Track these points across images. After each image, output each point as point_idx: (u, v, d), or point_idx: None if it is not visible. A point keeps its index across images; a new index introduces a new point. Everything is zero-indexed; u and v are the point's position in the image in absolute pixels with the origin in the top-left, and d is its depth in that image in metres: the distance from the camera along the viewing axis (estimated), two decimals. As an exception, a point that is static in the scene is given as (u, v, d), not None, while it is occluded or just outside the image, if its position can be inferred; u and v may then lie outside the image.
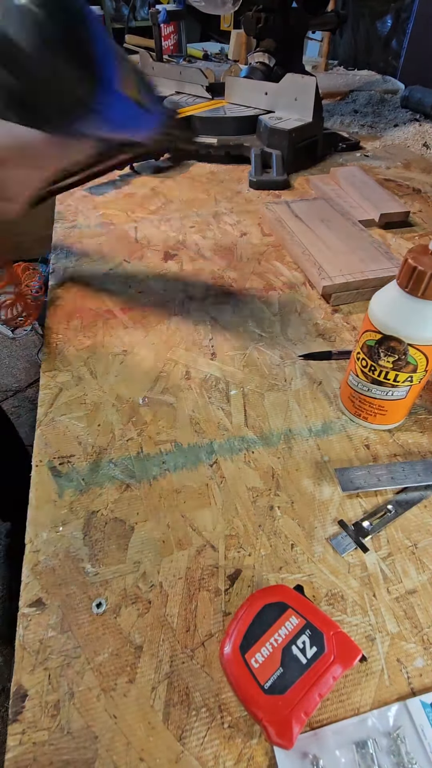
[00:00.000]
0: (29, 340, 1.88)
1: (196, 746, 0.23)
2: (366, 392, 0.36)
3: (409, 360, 0.32)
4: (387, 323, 0.31)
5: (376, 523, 0.32)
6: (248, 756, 0.23)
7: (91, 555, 0.30)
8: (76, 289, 0.54)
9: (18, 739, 0.23)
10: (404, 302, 0.30)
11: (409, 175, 0.83)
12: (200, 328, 0.49)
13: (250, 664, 0.23)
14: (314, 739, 0.23)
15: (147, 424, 0.39)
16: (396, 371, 0.33)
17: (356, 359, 0.35)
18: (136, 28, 2.21)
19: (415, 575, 0.29)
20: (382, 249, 0.56)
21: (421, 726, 0.23)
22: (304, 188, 0.78)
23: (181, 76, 1.01)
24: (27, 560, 0.30)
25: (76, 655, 0.26)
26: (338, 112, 1.13)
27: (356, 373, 0.36)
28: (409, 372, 0.33)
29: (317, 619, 0.25)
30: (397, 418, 0.38)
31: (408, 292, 0.30)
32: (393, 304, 0.31)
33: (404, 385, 0.34)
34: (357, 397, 0.37)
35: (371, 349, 0.33)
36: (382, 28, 1.39)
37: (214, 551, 0.31)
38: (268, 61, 0.91)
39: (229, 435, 0.38)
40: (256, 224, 0.67)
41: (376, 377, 0.34)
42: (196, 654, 0.26)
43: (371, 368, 0.34)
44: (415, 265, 0.28)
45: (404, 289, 0.30)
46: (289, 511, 0.33)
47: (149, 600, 0.28)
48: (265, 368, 0.44)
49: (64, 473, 0.35)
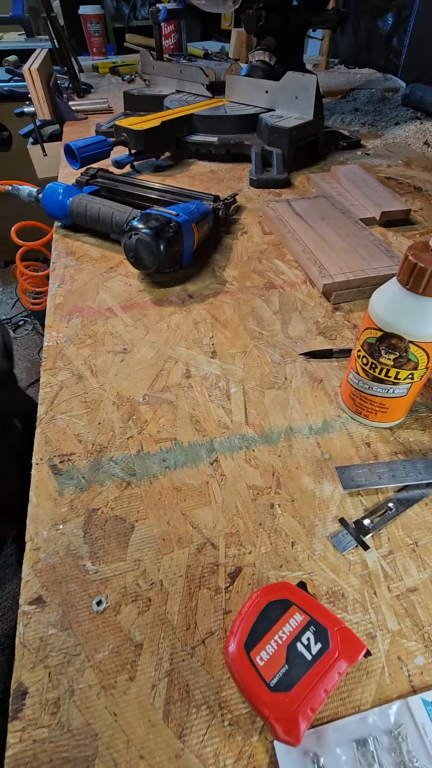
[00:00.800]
0: (30, 340, 1.88)
1: (196, 744, 0.23)
2: (367, 390, 0.36)
3: (410, 357, 0.32)
4: (388, 320, 0.31)
5: (376, 521, 0.32)
6: (249, 754, 0.23)
7: (92, 553, 0.30)
8: (77, 287, 0.54)
9: (18, 737, 0.23)
10: (405, 299, 0.30)
11: (410, 173, 0.83)
12: (200, 327, 0.49)
13: (256, 662, 0.23)
14: (315, 737, 0.23)
15: (147, 422, 0.39)
16: (397, 368, 0.33)
17: (357, 357, 0.35)
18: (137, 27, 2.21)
19: (415, 573, 0.29)
20: (383, 247, 0.56)
21: (422, 724, 0.23)
22: (305, 186, 0.78)
23: (182, 75, 1.01)
24: (27, 558, 0.30)
25: (76, 652, 0.26)
26: (339, 111, 1.13)
27: (357, 371, 0.36)
28: (410, 369, 0.33)
29: (321, 615, 0.25)
30: (398, 416, 0.38)
31: (409, 289, 0.30)
32: (394, 301, 0.31)
33: (405, 383, 0.34)
34: (358, 395, 0.37)
35: (372, 346, 0.33)
36: (383, 26, 1.38)
37: (215, 549, 0.31)
38: (268, 59, 0.91)
39: (230, 433, 0.38)
40: (256, 222, 0.67)
41: (377, 375, 0.34)
42: (197, 652, 0.26)
43: (372, 366, 0.34)
44: (416, 262, 0.28)
45: (405, 286, 0.30)
46: (290, 509, 0.33)
47: (149, 598, 0.28)
48: (265, 366, 0.44)
49: (65, 471, 0.35)
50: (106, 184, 0.67)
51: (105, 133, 0.89)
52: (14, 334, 1.90)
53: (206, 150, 0.85)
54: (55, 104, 1.04)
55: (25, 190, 0.67)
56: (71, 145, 0.72)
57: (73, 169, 0.77)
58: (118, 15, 2.39)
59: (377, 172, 0.83)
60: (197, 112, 0.86)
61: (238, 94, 0.92)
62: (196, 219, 0.55)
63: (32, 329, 1.93)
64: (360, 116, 1.09)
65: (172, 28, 1.56)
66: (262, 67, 0.91)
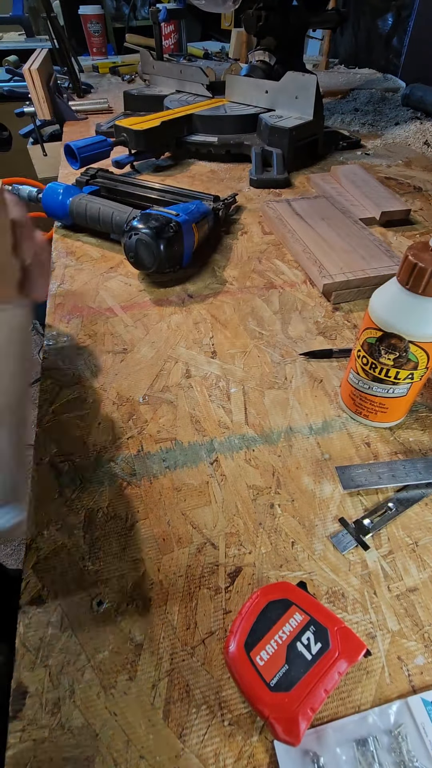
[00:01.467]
0: (30, 340, 1.88)
1: (196, 744, 0.23)
2: (367, 390, 0.36)
3: (410, 357, 0.32)
4: (388, 320, 0.31)
5: (376, 520, 0.32)
6: (249, 753, 0.23)
7: (92, 553, 0.30)
8: (77, 287, 0.54)
9: (18, 737, 0.23)
10: (405, 299, 0.30)
11: (410, 173, 0.83)
12: (200, 327, 0.49)
13: (256, 662, 0.23)
14: (315, 737, 0.23)
15: (147, 422, 0.39)
16: (397, 368, 0.33)
17: (357, 357, 0.35)
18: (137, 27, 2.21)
19: (415, 573, 0.29)
20: (383, 247, 0.56)
21: (422, 724, 0.23)
22: (305, 186, 0.78)
23: (182, 75, 1.01)
24: (27, 558, 0.30)
25: (76, 652, 0.26)
26: (339, 111, 1.13)
27: (357, 371, 0.36)
28: (410, 369, 0.33)
29: (321, 615, 0.25)
30: (398, 416, 0.38)
31: (408, 289, 0.30)
32: (393, 301, 0.31)
33: (405, 383, 0.34)
34: (358, 395, 0.37)
35: (372, 346, 0.33)
36: (383, 26, 1.38)
37: (215, 549, 0.31)
38: (268, 59, 0.91)
39: (230, 433, 0.38)
40: (256, 222, 0.67)
41: (377, 375, 0.34)
42: (197, 651, 0.26)
43: (372, 366, 0.34)
44: (416, 262, 0.28)
45: (405, 286, 0.30)
46: (290, 508, 0.33)
47: (149, 598, 0.28)
48: (265, 366, 0.44)
49: (65, 471, 0.35)
50: (106, 184, 0.67)
51: (105, 133, 0.89)
52: (14, 334, 1.90)
53: (206, 150, 0.85)
54: (55, 104, 1.04)
55: (25, 190, 0.67)
56: (71, 145, 0.72)
57: (73, 169, 0.77)
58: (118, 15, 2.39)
59: (377, 172, 0.83)
60: (197, 112, 0.86)
61: (238, 94, 0.92)
62: (196, 219, 0.55)
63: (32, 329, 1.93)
64: (360, 116, 1.09)
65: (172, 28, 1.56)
66: (262, 67, 0.91)
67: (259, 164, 0.79)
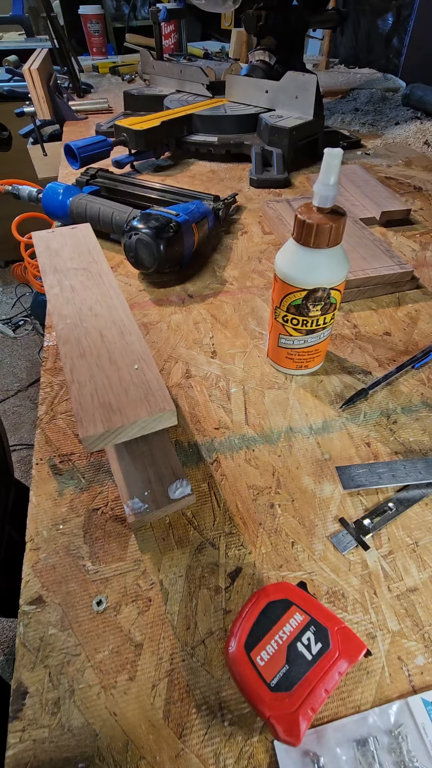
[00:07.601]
0: (30, 340, 1.88)
1: (196, 744, 0.23)
2: (303, 345, 0.40)
3: (332, 301, 0.36)
4: (309, 279, 0.35)
5: (377, 520, 0.32)
6: (249, 754, 0.23)
7: (92, 553, 0.30)
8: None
9: (18, 737, 0.23)
10: (307, 256, 0.34)
11: (410, 173, 0.83)
12: (200, 326, 0.49)
13: (256, 662, 0.23)
14: (315, 737, 0.23)
15: (147, 422, 0.39)
16: (324, 315, 0.37)
17: (283, 322, 0.39)
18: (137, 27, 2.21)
19: (416, 573, 0.29)
20: (383, 247, 0.56)
21: (422, 724, 0.23)
22: (305, 186, 0.78)
23: (182, 75, 1.01)
24: (27, 558, 0.30)
25: (76, 652, 0.26)
26: (339, 110, 1.13)
27: (288, 334, 0.39)
28: (333, 311, 0.38)
29: (321, 615, 0.25)
30: (324, 355, 0.43)
31: (303, 244, 0.33)
32: (302, 260, 0.35)
33: (330, 324, 0.39)
34: (295, 352, 0.41)
35: (299, 307, 0.37)
36: (383, 25, 1.38)
37: (215, 549, 0.31)
38: (268, 59, 0.91)
39: (230, 433, 0.38)
40: (256, 222, 0.67)
41: (310, 328, 0.38)
42: (197, 652, 0.26)
43: (303, 322, 0.38)
44: (304, 219, 0.32)
45: (302, 243, 0.34)
46: (290, 509, 0.33)
47: (149, 598, 0.28)
48: (265, 366, 0.44)
49: (65, 471, 0.35)
50: (106, 184, 0.67)
51: (105, 133, 0.89)
52: (14, 334, 1.90)
53: (206, 150, 0.85)
54: (55, 104, 1.04)
55: (25, 190, 0.67)
56: (71, 145, 0.72)
57: (73, 169, 0.77)
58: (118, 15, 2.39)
59: (377, 172, 0.83)
60: (197, 111, 0.86)
61: (238, 94, 0.92)
62: (196, 219, 0.55)
63: (32, 329, 1.93)
64: (360, 116, 1.09)
65: (172, 28, 1.57)
66: (262, 66, 0.91)
67: (259, 164, 0.79)
